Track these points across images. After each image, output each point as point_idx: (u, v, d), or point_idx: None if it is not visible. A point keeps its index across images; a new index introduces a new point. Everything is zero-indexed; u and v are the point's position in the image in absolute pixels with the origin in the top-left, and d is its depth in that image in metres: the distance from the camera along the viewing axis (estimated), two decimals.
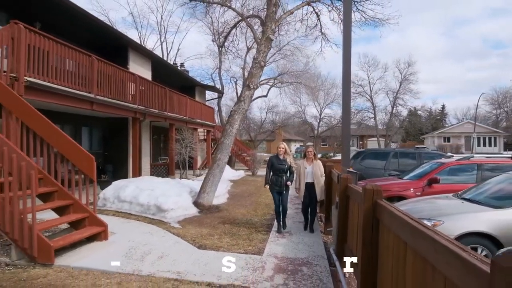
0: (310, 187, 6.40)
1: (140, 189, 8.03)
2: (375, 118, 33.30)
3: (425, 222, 4.63)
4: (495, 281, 1.03)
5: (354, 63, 54.22)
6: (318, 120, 39.11)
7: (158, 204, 7.45)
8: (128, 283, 3.82)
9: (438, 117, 67.09)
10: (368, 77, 32.89)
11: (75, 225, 5.37)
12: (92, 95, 8.95)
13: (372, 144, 47.98)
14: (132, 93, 11.57)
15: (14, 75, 6.56)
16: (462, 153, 33.33)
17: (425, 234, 1.86)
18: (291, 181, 6.44)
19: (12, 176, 4.32)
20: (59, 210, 5.37)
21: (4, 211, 4.33)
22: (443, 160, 8.04)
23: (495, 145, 46.45)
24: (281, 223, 6.43)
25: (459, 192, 5.90)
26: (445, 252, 1.58)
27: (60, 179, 5.51)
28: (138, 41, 28.03)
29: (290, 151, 7.69)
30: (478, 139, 46.34)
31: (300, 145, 51.71)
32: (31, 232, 4.26)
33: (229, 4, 9.70)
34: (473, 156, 8.28)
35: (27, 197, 4.40)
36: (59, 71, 7.85)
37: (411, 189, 7.20)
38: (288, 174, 6.46)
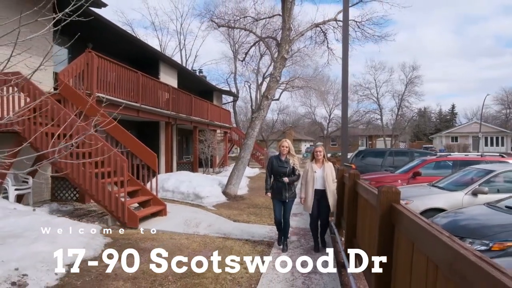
0: (320, 195, 5.28)
1: (180, 181, 9.97)
2: (381, 119, 34.83)
3: (400, 201, 6.44)
4: (378, 194, 2.87)
5: (361, 66, 56.13)
6: (327, 121, 40.74)
7: (196, 192, 9.37)
8: (193, 238, 5.73)
9: (448, 117, 67.95)
10: (375, 80, 34.49)
11: (143, 204, 7.32)
12: (138, 104, 10.93)
13: (380, 143, 49.37)
14: (165, 100, 13.54)
15: (89, 91, 8.55)
16: (469, 152, 34.59)
17: (370, 191, 3.68)
18: (293, 181, 5.33)
19: (111, 167, 6.27)
20: (131, 194, 7.30)
21: (104, 192, 6.27)
22: (427, 157, 9.76)
23: (502, 145, 47.30)
24: (282, 243, 5.35)
25: (433, 182, 7.64)
26: (373, 196, 3.39)
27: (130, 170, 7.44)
28: (159, 48, 30.17)
29: (300, 151, 8.71)
30: (486, 138, 47.26)
31: (311, 145, 53.34)
32: (123, 206, 6.20)
33: (250, 29, 11.60)
34: (450, 154, 9.98)
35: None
36: (116, 86, 9.84)
37: (399, 180, 8.94)
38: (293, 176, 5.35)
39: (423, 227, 2.00)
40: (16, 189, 7.26)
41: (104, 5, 9.19)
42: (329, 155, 26.62)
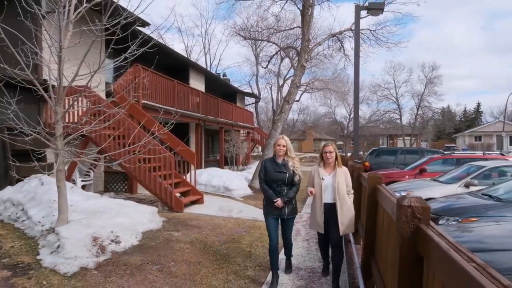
0: (330, 210, 3.97)
1: (211, 176, 11.38)
2: (400, 119, 35.30)
3: (402, 192, 7.57)
4: (367, 179, 4.11)
5: (381, 65, 56.44)
6: (347, 121, 41.40)
7: (226, 186, 10.74)
8: (228, 220, 7.08)
9: (473, 116, 66.81)
10: (394, 80, 34.99)
11: (184, 194, 8.74)
12: (174, 109, 12.42)
13: (401, 143, 49.54)
14: (195, 104, 15.04)
15: (136, 99, 10.09)
16: (493, 151, 34.53)
17: (364, 178, 4.88)
18: (289, 198, 3.95)
19: (161, 163, 7.73)
20: (175, 185, 8.73)
21: (155, 182, 7.73)
22: (434, 156, 10.75)
23: None
24: (285, 265, 4.35)
25: (435, 177, 8.67)
26: (369, 179, 4.60)
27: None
28: (185, 53, 31.92)
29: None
30: (511, 138, 46.50)
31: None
32: (171, 194, 7.64)
33: (272, 41, 12.90)
34: (454, 153, 10.91)
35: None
36: (156, 93, 11.37)
37: (406, 176, 10.00)
38: (290, 188, 4.01)
39: (386, 195, 3.23)
40: (82, 181, 8.87)
41: (148, 24, 10.71)
42: (349, 154, 27.57)
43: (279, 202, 3.90)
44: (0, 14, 4.57)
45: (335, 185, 3.98)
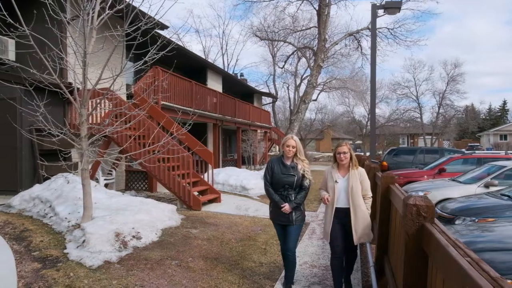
0: (344, 216, 3.62)
1: (228, 175, 11.57)
2: (421, 118, 34.57)
3: (419, 192, 7.52)
4: (380, 178, 4.16)
5: (400, 65, 55.24)
6: (366, 119, 40.84)
7: (243, 185, 10.90)
8: (245, 218, 7.23)
9: (499, 114, 64.62)
10: (414, 78, 34.27)
11: (201, 192, 8.95)
12: (192, 109, 12.67)
13: (422, 142, 48.51)
14: (213, 104, 15.29)
15: (156, 100, 10.38)
16: None
17: (378, 177, 4.92)
18: (298, 203, 3.71)
19: (179, 162, 7.95)
20: (193, 184, 8.95)
21: (174, 181, 7.96)
22: (454, 155, 10.55)
23: None
24: (287, 279, 3.88)
25: (455, 177, 8.54)
26: (382, 178, 4.64)
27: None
28: (203, 53, 32.35)
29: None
30: None
31: (350, 144, 53.23)
32: (189, 192, 7.85)
33: (289, 41, 12.98)
34: (475, 152, 10.67)
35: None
36: (175, 94, 11.65)
37: (425, 176, 9.87)
38: (299, 192, 3.77)
39: (397, 194, 3.28)
40: (104, 179, 9.22)
41: (166, 27, 11.00)
42: (367, 154, 27.15)
43: (286, 207, 3.63)
44: (30, 23, 4.85)
45: (348, 189, 3.61)
